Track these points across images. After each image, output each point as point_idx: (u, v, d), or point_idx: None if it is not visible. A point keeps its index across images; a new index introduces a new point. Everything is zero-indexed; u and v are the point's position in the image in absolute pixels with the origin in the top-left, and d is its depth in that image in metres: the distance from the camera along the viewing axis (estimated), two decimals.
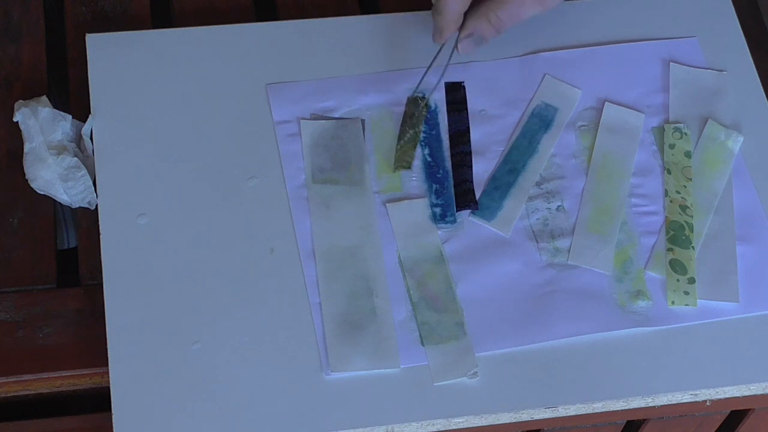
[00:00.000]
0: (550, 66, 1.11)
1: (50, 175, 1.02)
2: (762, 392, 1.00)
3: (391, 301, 1.00)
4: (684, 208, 1.05)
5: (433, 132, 1.08)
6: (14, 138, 1.06)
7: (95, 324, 0.99)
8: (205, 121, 1.06)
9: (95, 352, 0.97)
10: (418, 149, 1.07)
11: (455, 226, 1.04)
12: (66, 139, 1.04)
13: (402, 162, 1.05)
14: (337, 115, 1.08)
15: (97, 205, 1.02)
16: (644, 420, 1.05)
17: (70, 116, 1.05)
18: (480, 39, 1.04)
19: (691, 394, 0.98)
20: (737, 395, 1.00)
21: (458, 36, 1.05)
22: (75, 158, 1.03)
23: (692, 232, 1.04)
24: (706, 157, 1.08)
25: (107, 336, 0.96)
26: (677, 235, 1.04)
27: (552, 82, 1.11)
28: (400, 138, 1.07)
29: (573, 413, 0.98)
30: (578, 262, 1.03)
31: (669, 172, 1.07)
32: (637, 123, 1.09)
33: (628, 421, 1.05)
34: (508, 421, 0.97)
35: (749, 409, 1.06)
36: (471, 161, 1.06)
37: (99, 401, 0.98)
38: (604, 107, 1.10)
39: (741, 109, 1.11)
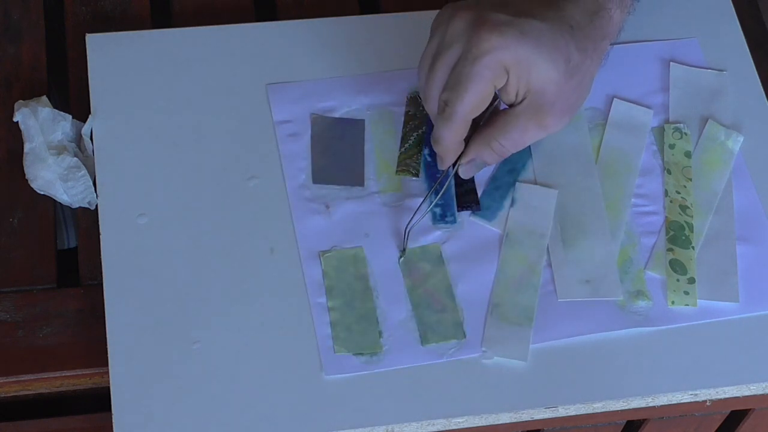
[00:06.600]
0: None
1: (50, 175, 1.02)
2: (762, 392, 1.00)
3: (391, 301, 1.00)
4: (684, 208, 1.05)
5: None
6: (14, 138, 1.06)
7: (95, 324, 0.99)
8: (205, 121, 1.06)
9: (95, 352, 0.97)
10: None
11: (455, 226, 1.04)
12: (66, 139, 1.04)
13: (408, 168, 1.05)
14: (337, 115, 1.07)
15: (97, 205, 1.02)
16: (644, 420, 1.05)
17: (70, 116, 1.05)
18: (482, 164, 1.01)
19: (691, 394, 0.98)
20: (737, 395, 1.00)
21: (459, 160, 1.00)
22: (75, 158, 1.03)
23: (692, 232, 1.04)
24: (706, 157, 1.08)
25: (107, 336, 0.96)
26: (677, 235, 1.04)
27: None
28: (403, 141, 1.07)
29: (573, 413, 0.98)
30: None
31: (669, 172, 1.07)
32: (645, 119, 1.09)
33: (628, 421, 1.05)
34: (508, 421, 0.97)
35: (749, 409, 1.06)
36: None
37: (99, 401, 0.98)
38: (613, 103, 1.10)
39: (741, 109, 1.11)
